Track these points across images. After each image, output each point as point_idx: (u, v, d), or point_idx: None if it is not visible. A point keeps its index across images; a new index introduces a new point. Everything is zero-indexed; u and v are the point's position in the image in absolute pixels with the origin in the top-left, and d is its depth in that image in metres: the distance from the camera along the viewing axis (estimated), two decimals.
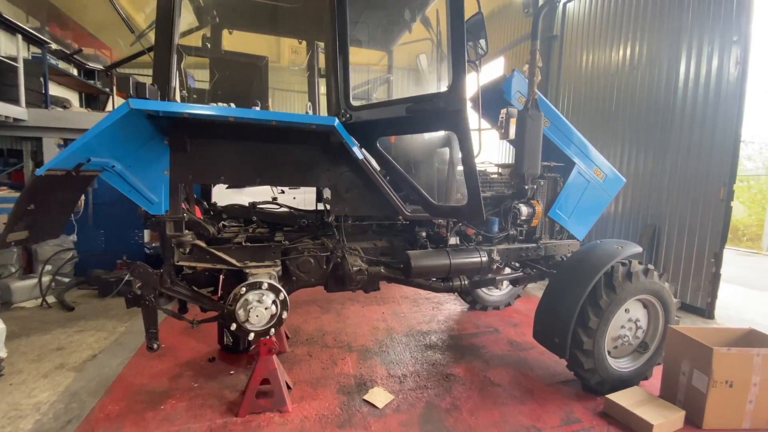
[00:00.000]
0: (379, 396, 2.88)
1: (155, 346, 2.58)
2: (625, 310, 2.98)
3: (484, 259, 3.10)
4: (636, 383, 3.06)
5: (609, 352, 2.96)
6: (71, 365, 3.22)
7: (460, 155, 2.70)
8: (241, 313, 2.12)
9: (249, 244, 2.62)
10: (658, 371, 3.09)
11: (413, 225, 3.10)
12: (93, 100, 7.73)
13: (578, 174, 3.60)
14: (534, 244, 3.56)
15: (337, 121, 2.10)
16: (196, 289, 2.74)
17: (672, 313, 3.09)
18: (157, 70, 2.16)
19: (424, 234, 3.12)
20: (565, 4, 7.10)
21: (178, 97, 2.49)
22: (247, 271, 2.50)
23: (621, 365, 3.05)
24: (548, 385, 3.12)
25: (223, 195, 3.47)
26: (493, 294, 4.80)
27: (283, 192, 3.20)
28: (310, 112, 3.05)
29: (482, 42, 2.68)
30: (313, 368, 3.27)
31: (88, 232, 5.59)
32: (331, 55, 2.33)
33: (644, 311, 3.11)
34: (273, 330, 2.19)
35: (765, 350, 2.58)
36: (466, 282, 3.26)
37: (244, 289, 2.12)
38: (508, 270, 3.79)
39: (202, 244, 2.51)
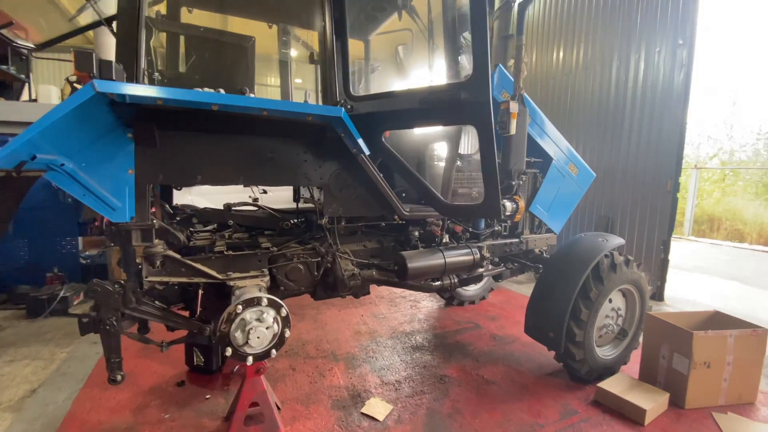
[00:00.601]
0: (378, 407, 2.71)
1: (119, 377, 2.20)
2: (609, 300, 3.09)
3: (477, 256, 3.04)
4: (617, 369, 3.19)
5: (595, 342, 3.06)
6: (6, 404, 2.67)
7: (458, 151, 2.60)
8: (238, 335, 1.83)
9: (231, 252, 2.31)
10: (633, 355, 3.27)
11: (406, 224, 2.95)
12: (4, 87, 6.60)
13: (555, 169, 3.68)
14: (516, 239, 3.59)
15: (343, 111, 1.88)
16: (165, 306, 2.38)
17: (647, 300, 3.26)
18: (121, 46, 1.78)
19: (416, 233, 2.99)
20: (519, 4, 7.31)
21: (146, 81, 2.10)
22: (232, 283, 2.20)
23: (605, 353, 3.16)
24: (539, 378, 3.16)
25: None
26: (468, 289, 4.82)
27: (265, 192, 2.88)
28: (310, 101, 2.76)
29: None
30: (300, 383, 3.01)
31: (8, 242, 4.75)
32: (327, 39, 2.09)
33: (623, 300, 3.25)
34: (275, 351, 1.93)
35: (736, 331, 2.80)
36: (455, 280, 3.19)
37: (240, 306, 1.83)
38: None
39: (176, 255, 2.16)
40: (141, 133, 1.91)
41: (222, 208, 2.76)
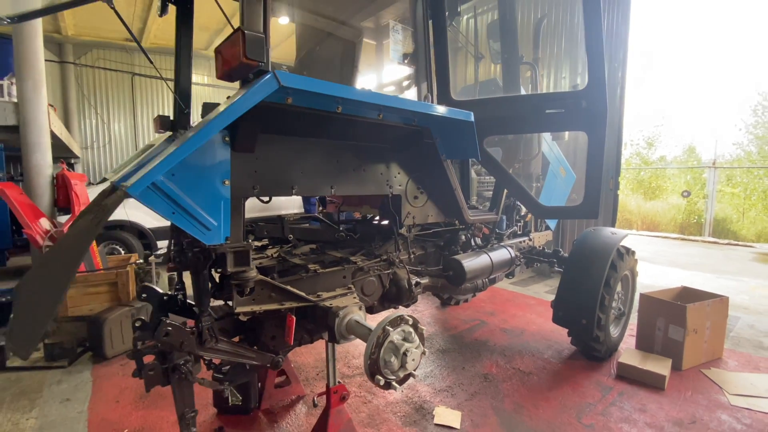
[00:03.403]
0: (448, 416, 2.68)
1: None
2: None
3: (513, 255, 3.21)
4: (619, 345, 3.67)
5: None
6: None
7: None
8: (393, 360, 1.64)
9: (322, 270, 2.06)
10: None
11: (456, 229, 2.96)
12: None
13: (552, 172, 4.06)
14: (527, 237, 3.87)
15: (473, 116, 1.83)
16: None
17: (636, 282, 3.80)
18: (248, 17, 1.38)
19: (463, 237, 3.02)
20: (468, 20, 7.84)
21: None
22: (330, 304, 1.96)
23: (613, 332, 3.60)
24: (563, 363, 3.45)
25: None
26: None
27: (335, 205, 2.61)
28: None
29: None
30: (354, 405, 2.81)
31: None
32: (423, 37, 2.01)
33: (620, 284, 3.74)
34: (416, 373, 1.77)
35: (711, 300, 3.43)
36: (486, 280, 3.32)
37: (390, 328, 1.65)
38: None
39: (268, 279, 1.85)
40: (242, 136, 1.61)
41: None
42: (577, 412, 2.73)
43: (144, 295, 2.11)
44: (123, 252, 6.28)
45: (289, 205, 7.35)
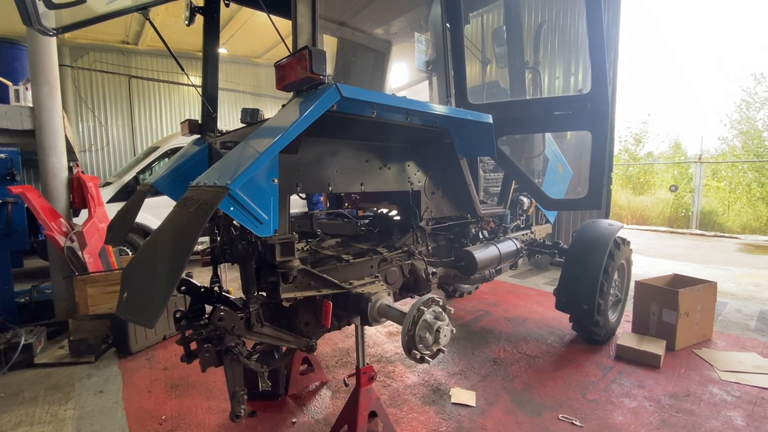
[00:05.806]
0: (464, 395, 2.88)
1: (242, 411, 1.98)
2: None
3: (518, 247, 3.42)
4: (616, 329, 3.91)
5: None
6: None
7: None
8: (427, 336, 1.83)
9: (354, 260, 2.24)
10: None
11: (466, 222, 3.16)
12: None
13: (551, 169, 4.29)
14: (529, 230, 4.10)
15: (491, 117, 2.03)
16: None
17: (632, 271, 4.05)
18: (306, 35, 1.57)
19: (473, 229, 3.23)
20: (473, 24, 8.03)
21: None
22: (361, 291, 2.15)
23: (611, 317, 3.84)
24: (566, 348, 3.69)
25: None
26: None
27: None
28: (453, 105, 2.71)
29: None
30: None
31: None
32: (441, 44, 2.20)
33: (616, 273, 3.98)
34: (445, 349, 1.96)
35: (700, 285, 3.69)
36: (493, 270, 3.53)
37: (423, 308, 1.84)
38: None
39: (309, 268, 2.03)
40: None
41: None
42: (581, 389, 2.95)
43: (183, 288, 2.27)
44: (131, 253, 6.38)
45: (294, 203, 7.50)
